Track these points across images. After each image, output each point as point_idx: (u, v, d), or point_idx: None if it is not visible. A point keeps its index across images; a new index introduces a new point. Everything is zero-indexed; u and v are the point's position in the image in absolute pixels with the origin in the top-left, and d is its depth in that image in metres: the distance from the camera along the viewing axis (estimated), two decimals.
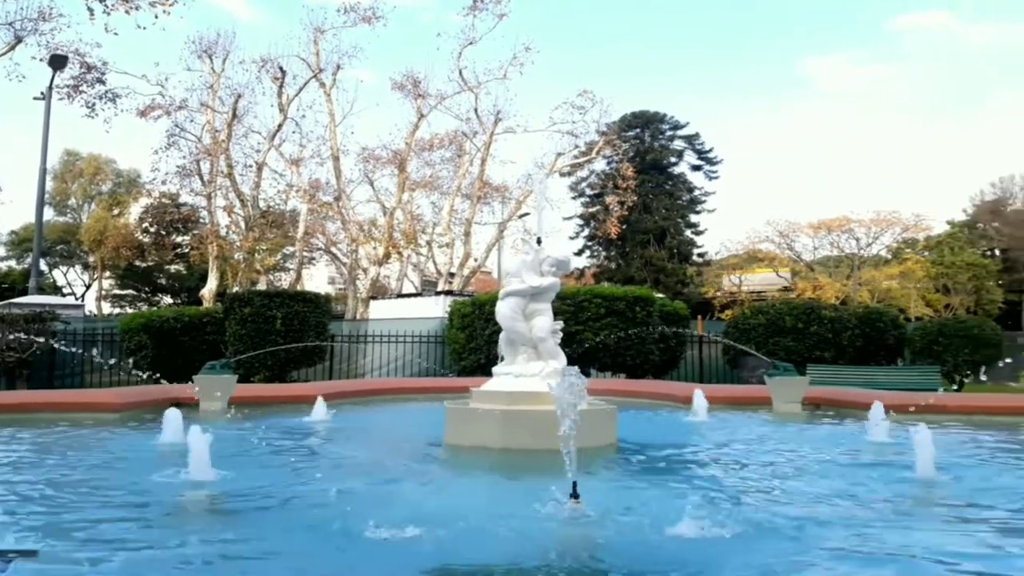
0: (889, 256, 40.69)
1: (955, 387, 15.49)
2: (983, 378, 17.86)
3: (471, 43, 31.19)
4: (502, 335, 7.27)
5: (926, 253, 41.46)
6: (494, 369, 7.27)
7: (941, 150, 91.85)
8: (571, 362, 16.57)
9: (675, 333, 17.45)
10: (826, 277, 37.41)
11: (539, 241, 7.45)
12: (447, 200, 33.77)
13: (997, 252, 48.99)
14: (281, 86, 30.29)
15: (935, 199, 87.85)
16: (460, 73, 31.50)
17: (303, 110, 31.55)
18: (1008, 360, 18.43)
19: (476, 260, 33.37)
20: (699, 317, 25.18)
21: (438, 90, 32.35)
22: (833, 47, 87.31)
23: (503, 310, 7.13)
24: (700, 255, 51.64)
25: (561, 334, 7.26)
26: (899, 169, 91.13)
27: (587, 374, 16.70)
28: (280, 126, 30.37)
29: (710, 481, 5.25)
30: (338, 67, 30.69)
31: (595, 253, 52.66)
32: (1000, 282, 44.27)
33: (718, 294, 41.76)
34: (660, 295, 19.92)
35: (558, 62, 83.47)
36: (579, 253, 52.53)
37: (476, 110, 32.16)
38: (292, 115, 30.75)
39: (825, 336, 17.10)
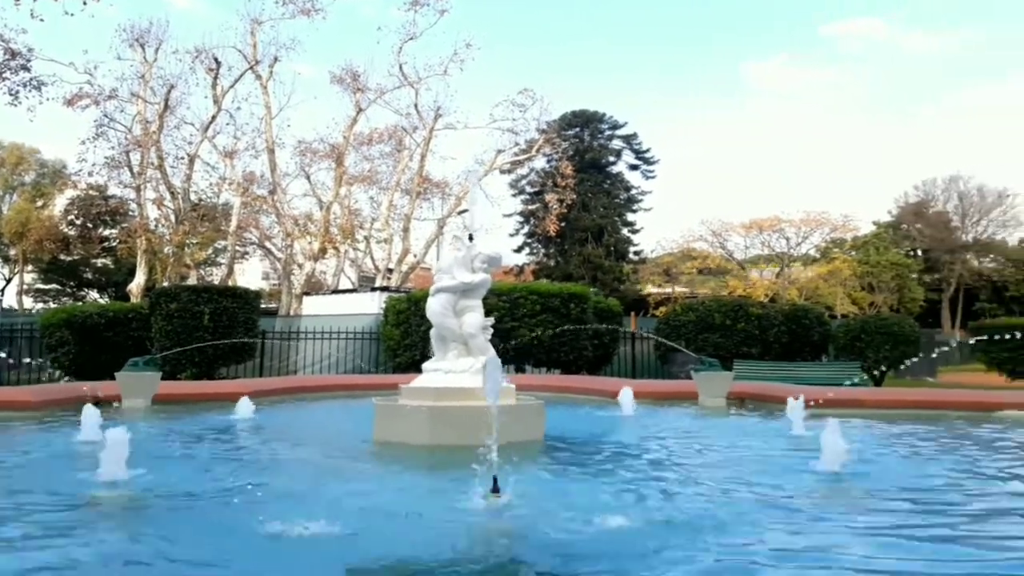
0: (818, 255, 42.01)
1: (861, 378, 15.96)
2: (902, 367, 18.56)
3: (412, 38, 31.08)
4: (432, 331, 7.27)
5: (853, 253, 42.94)
6: (424, 365, 7.27)
7: (870, 153, 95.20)
8: (506, 359, 16.72)
9: (608, 330, 17.69)
10: (756, 275, 38.39)
11: (471, 237, 7.46)
12: (386, 195, 33.55)
13: (919, 252, 51.12)
14: (216, 77, 29.61)
15: (863, 201, 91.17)
16: (400, 68, 31.35)
17: (238, 102, 30.99)
18: (923, 355, 19.22)
19: (415, 256, 33.22)
20: (632, 314, 25.58)
21: (378, 84, 32.16)
22: (770, 50, 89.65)
23: (433, 306, 7.13)
24: (636, 253, 52.40)
25: (492, 330, 7.29)
26: (830, 171, 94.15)
27: (522, 370, 16.88)
28: (214, 118, 29.70)
29: (630, 474, 5.34)
30: (275, 59, 30.20)
31: (535, 250, 52.93)
32: (921, 281, 46.15)
33: (653, 291, 42.47)
34: (596, 292, 20.16)
35: (499, 59, 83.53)
36: (519, 250, 52.78)
37: (416, 105, 32.07)
38: (227, 107, 30.17)
39: (752, 332, 17.58)
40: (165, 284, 27.23)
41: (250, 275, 54.73)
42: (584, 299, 16.89)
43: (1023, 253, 49.64)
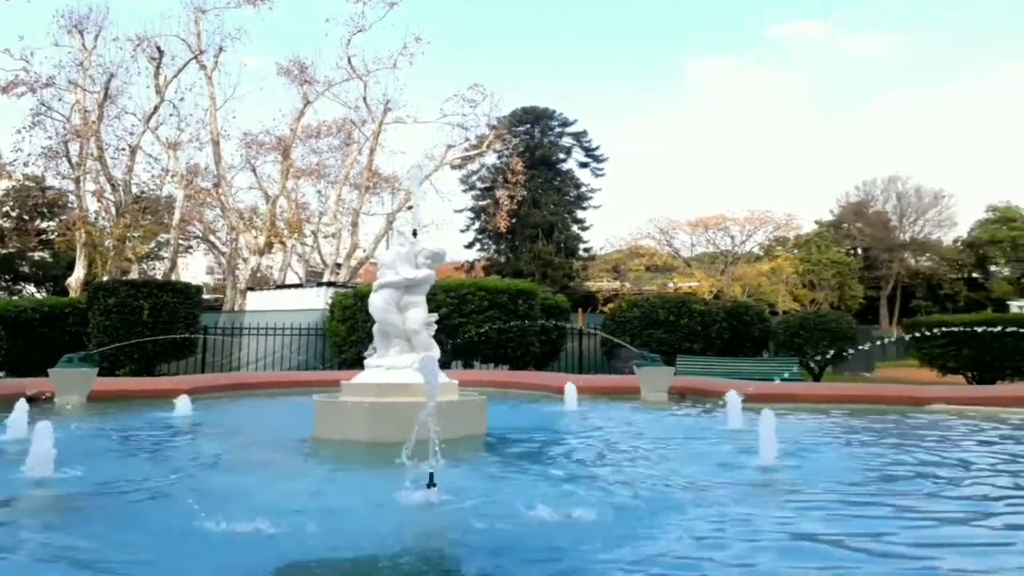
0: (761, 253, 42.93)
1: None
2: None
3: (361, 30, 30.79)
4: (375, 327, 7.25)
5: (795, 251, 43.99)
6: (366, 361, 7.25)
7: (813, 153, 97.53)
8: (455, 354, 16.72)
9: (556, 326, 17.83)
10: (702, 273, 39.08)
11: (415, 233, 7.46)
12: (334, 189, 33.19)
13: (859, 251, 52.60)
14: (158, 66, 28.88)
15: (806, 200, 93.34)
16: (349, 61, 31.05)
17: (182, 92, 30.22)
18: (860, 351, 19.79)
19: (364, 251, 32.93)
20: (580, 310, 25.81)
21: (326, 77, 31.80)
22: (717, 51, 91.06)
23: (376, 302, 7.11)
24: (586, 250, 52.82)
25: (436, 326, 7.30)
26: (774, 171, 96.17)
27: (470, 366, 16.91)
28: (156, 108, 28.97)
29: (569, 467, 5.42)
30: (220, 49, 29.60)
31: (486, 246, 52.95)
32: (861, 279, 47.50)
33: (603, 288, 42.90)
34: (548, 289, 20.31)
35: (450, 54, 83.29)
36: (470, 246, 52.74)
37: (365, 98, 31.79)
38: (170, 97, 29.43)
39: (695, 328, 17.91)
40: (105, 278, 26.49)
41: (194, 269, 53.58)
42: (532, 295, 16.99)
43: (957, 252, 51.43)
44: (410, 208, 33.18)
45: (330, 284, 22.78)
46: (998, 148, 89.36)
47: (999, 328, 13.89)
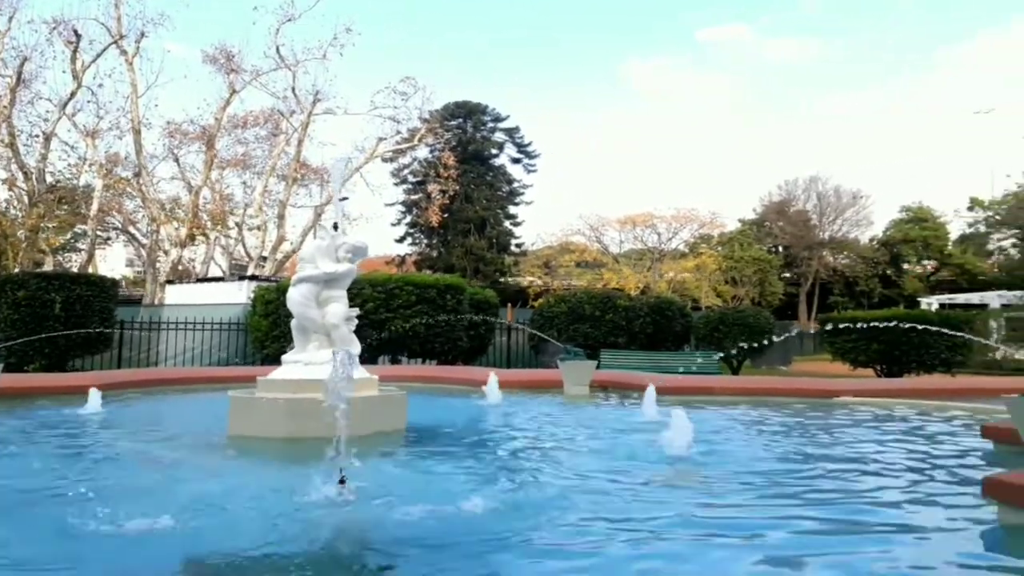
0: (687, 250, 43.91)
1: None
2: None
3: (290, 19, 30.21)
4: (293, 322, 7.18)
5: (719, 248, 45.12)
6: (283, 357, 7.18)
7: (739, 153, 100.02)
8: (382, 349, 16.58)
9: (484, 321, 17.91)
10: (630, 269, 39.75)
11: (335, 227, 7.41)
12: (260, 180, 32.49)
13: (780, 248, 54.30)
14: (75, 51, 27.68)
15: (731, 199, 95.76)
16: (278, 50, 30.42)
17: (101, 78, 29.07)
18: (776, 345, 20.48)
19: (291, 244, 32.35)
20: (509, 305, 25.97)
21: (253, 66, 31.10)
22: (649, 51, 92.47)
23: (294, 296, 7.04)
24: (518, 245, 53.01)
25: (356, 321, 7.27)
26: (701, 170, 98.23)
27: (397, 361, 16.84)
28: (73, 94, 27.79)
29: (483, 461, 5.48)
30: (142, 34, 28.60)
31: (417, 240, 52.60)
32: (781, 276, 49.08)
33: (533, 283, 43.19)
34: (479, 284, 20.37)
35: (381, 47, 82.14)
36: (401, 240, 52.34)
37: (294, 89, 31.23)
38: (88, 83, 28.25)
39: (620, 323, 18.25)
40: (17, 271, 25.34)
41: (113, 262, 51.63)
42: (460, 290, 17.01)
43: (872, 251, 53.58)
44: (340, 201, 32.85)
45: (253, 278, 22.33)
46: (913, 151, 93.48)
47: (893, 323, 14.56)
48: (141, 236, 33.13)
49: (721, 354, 17.67)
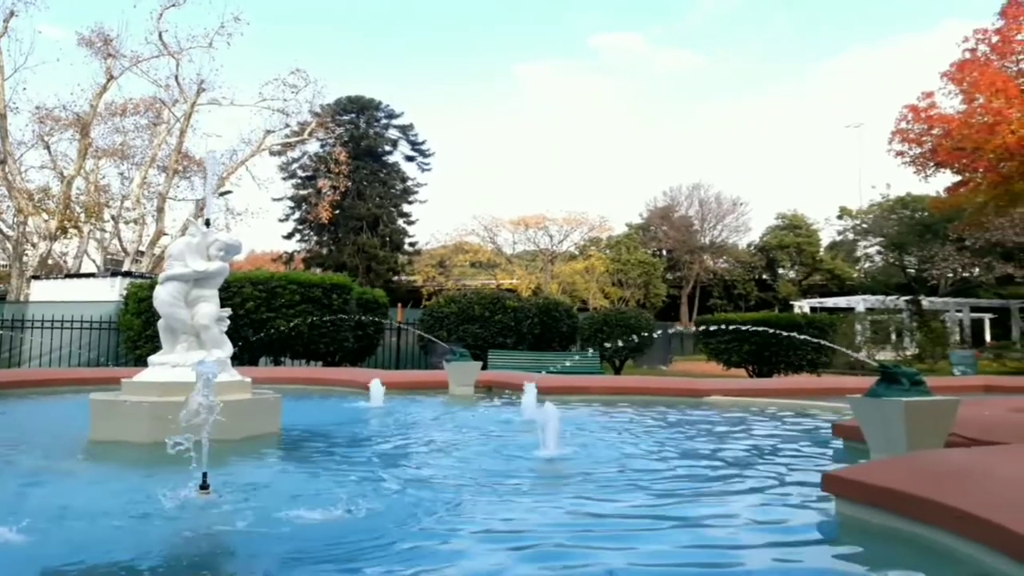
0: (577, 252, 44.90)
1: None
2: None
3: (174, 5, 29.09)
4: (161, 322, 6.91)
5: (607, 251, 46.37)
6: (150, 359, 6.91)
7: (629, 159, 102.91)
8: (263, 350, 16.13)
9: (373, 321, 17.74)
10: (523, 270, 40.30)
11: (207, 223, 7.19)
12: (139, 171, 30.98)
13: (664, 252, 56.29)
14: None
15: (619, 203, 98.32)
16: (160, 36, 29.17)
17: None
18: (657, 345, 21.22)
19: (171, 238, 30.97)
20: (399, 305, 25.81)
21: (133, 51, 29.73)
22: (543, 55, 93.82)
23: (161, 295, 6.77)
24: (412, 244, 52.73)
25: (228, 322, 7.08)
26: (592, 173, 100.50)
27: (280, 362, 16.45)
28: None
29: (357, 464, 5.45)
30: (11, 13, 26.83)
31: (306, 237, 51.44)
32: (665, 278, 50.89)
33: (426, 282, 43.07)
34: (370, 283, 20.11)
35: (273, 39, 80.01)
36: (289, 236, 51.07)
37: (177, 77, 30.04)
38: None
39: (508, 324, 18.49)
40: None
41: None
42: (347, 289, 16.78)
43: (749, 256, 56.35)
44: (223, 195, 31.67)
45: (126, 274, 21.27)
46: (789, 161, 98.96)
47: (749, 327, 15.38)
48: (7, 228, 30.97)
49: (600, 352, 18.19)
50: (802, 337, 13.54)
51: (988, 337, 37.57)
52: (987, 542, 2.71)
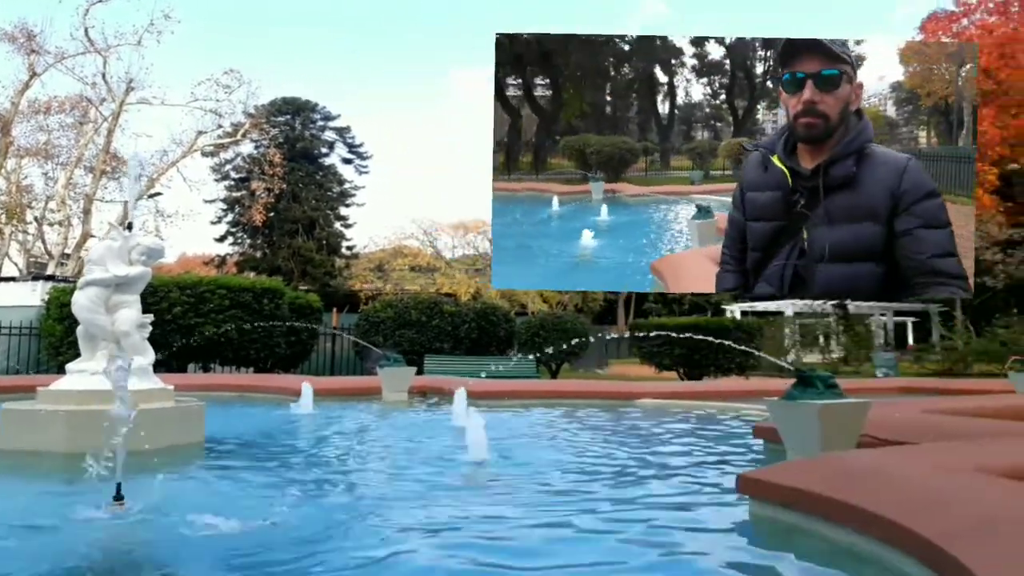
0: None
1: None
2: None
3: (101, 0, 28.09)
4: (80, 329, 6.69)
5: None
6: (68, 366, 6.68)
7: None
8: (191, 356, 15.74)
9: (306, 327, 17.48)
10: (463, 274, 40.22)
11: (129, 227, 7.03)
12: (64, 171, 29.89)
13: None
14: None
15: None
16: (87, 32, 28.17)
17: None
18: (592, 349, 21.46)
19: (100, 241, 30.00)
20: (334, 309, 25.51)
21: (58, 48, 28.59)
22: (477, 61, 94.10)
23: (81, 301, 6.57)
24: (349, 248, 52.05)
25: (150, 328, 6.92)
26: None
27: (208, 369, 16.09)
28: None
29: (280, 473, 5.38)
30: None
31: (240, 240, 50.29)
32: None
33: (365, 287, 42.60)
34: (305, 288, 19.83)
35: (205, 38, 78.24)
36: (222, 239, 49.87)
37: (104, 75, 29.02)
38: None
39: (445, 329, 18.48)
40: None
41: None
42: (279, 294, 16.53)
43: None
44: (152, 196, 30.77)
45: (49, 278, 20.50)
46: None
47: (687, 332, 15.64)
48: None
49: (537, 357, 18.33)
50: (718, 342, 13.80)
51: (911, 340, 39.09)
52: (890, 541, 2.83)
